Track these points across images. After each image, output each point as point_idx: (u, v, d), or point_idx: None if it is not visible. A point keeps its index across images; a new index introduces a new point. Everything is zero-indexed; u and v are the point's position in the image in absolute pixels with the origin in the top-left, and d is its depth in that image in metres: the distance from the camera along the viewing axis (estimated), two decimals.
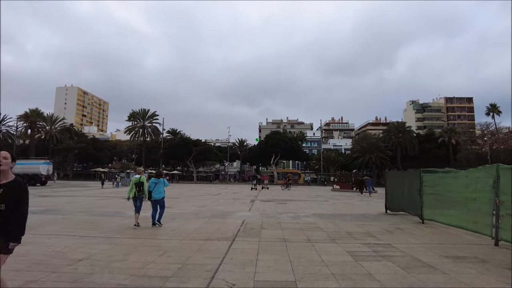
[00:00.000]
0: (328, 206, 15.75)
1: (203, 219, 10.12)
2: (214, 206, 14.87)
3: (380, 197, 23.83)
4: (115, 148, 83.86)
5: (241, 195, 23.40)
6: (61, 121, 69.24)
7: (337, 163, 68.23)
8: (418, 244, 6.75)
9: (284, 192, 30.12)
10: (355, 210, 13.97)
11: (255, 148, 66.50)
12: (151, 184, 8.48)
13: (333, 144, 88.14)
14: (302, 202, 18.30)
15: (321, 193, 29.41)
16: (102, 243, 6.41)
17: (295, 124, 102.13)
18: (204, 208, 13.71)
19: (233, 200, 18.44)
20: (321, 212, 12.81)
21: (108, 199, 17.84)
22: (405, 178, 11.72)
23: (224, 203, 16.34)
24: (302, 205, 16.22)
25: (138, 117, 64.81)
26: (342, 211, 13.61)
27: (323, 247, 6.35)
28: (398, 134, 59.91)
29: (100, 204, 15.02)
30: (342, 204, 17.40)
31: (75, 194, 22.07)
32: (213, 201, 17.90)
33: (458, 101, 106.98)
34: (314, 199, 20.66)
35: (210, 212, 12.20)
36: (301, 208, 14.33)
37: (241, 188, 36.05)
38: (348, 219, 10.88)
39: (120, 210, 12.36)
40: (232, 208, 13.81)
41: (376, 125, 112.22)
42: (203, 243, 6.52)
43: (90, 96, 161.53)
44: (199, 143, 62.52)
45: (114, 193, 24.01)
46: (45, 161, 36.36)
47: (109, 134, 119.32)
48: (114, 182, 35.12)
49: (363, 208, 15.26)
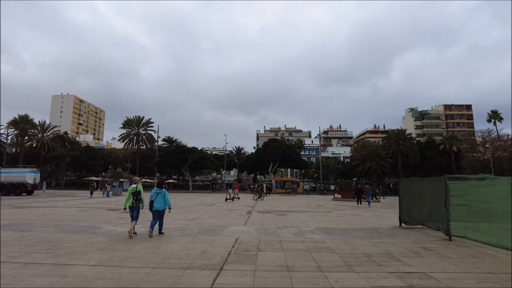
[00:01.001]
0: (333, 218, 14.15)
1: (188, 237, 8.50)
2: (205, 219, 13.24)
3: (385, 207, 22.31)
4: (110, 156, 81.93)
5: (237, 206, 21.75)
6: (54, 129, 67.33)
7: (337, 171, 66.68)
8: (462, 274, 5.17)
9: (283, 201, 28.47)
10: (364, 223, 12.39)
11: (252, 156, 64.85)
12: (153, 194, 8.37)
13: (332, 152, 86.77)
14: (303, 213, 16.68)
15: (322, 202, 27.78)
16: (44, 275, 4.79)
17: (293, 132, 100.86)
18: (193, 222, 12.07)
19: (227, 212, 16.80)
20: (327, 226, 11.22)
21: (90, 211, 16.14)
22: (425, 186, 10.18)
23: (217, 215, 14.70)
24: (304, 217, 14.61)
25: (133, 125, 63.20)
26: (350, 224, 12.01)
27: (340, 279, 4.77)
28: (399, 141, 58.59)
29: (77, 216, 13.33)
30: (347, 215, 15.80)
31: (57, 204, 20.32)
32: (205, 212, 16.24)
33: (457, 108, 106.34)
34: (316, 210, 19.05)
35: (199, 227, 10.56)
36: (304, 221, 12.72)
37: None
38: (359, 235, 9.31)
39: (95, 224, 10.72)
40: (225, 222, 12.19)
41: (375, 133, 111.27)
42: (181, 275, 4.92)
43: (86, 105, 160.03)
44: (195, 150, 60.87)
45: (102, 203, 22.29)
46: (31, 169, 34.53)
47: (105, 142, 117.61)
48: (104, 192, 33.31)
49: (372, 220, 13.68)
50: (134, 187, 8.39)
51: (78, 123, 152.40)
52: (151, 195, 8.37)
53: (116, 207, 18.57)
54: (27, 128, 59.08)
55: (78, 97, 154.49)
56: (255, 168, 64.33)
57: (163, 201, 8.37)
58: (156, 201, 8.28)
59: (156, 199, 8.29)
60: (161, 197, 8.35)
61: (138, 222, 8.66)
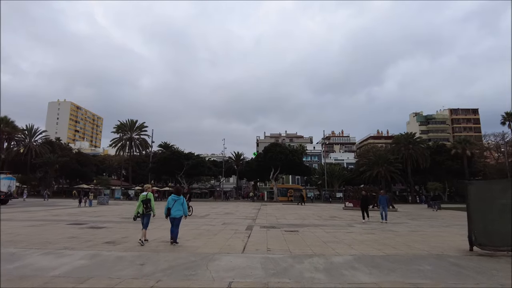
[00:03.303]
0: (362, 237, 10.50)
1: (145, 280, 4.86)
2: (188, 238, 9.58)
3: (408, 217, 18.06)
4: (103, 163, 78.30)
5: (234, 218, 18.09)
6: (42, 134, 63.70)
7: (342, 177, 62.96)
8: None
9: (288, 211, 24.74)
10: (411, 244, 8.77)
11: (252, 161, 61.05)
12: (170, 201, 8.26)
13: (335, 158, 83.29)
14: (319, 229, 13.02)
15: (334, 212, 24.09)
16: None
17: (294, 138, 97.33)
18: (167, 246, 8.41)
19: (222, 227, 13.14)
20: (365, 252, 7.59)
21: (47, 225, 12.44)
22: None
23: (205, 233, 11.03)
24: (323, 235, 10.94)
25: (126, 129, 59.58)
26: (395, 247, 8.38)
27: None
28: (408, 145, 55.02)
29: (14, 235, 9.67)
30: (377, 231, 12.16)
31: (19, 217, 16.57)
32: (192, 228, 12.50)
33: (463, 112, 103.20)
34: (333, 224, 15.40)
35: (171, 257, 6.90)
36: (327, 243, 9.07)
37: (236, 207, 30.62)
38: (427, 270, 5.71)
39: (18, 251, 7.06)
40: (215, 246, 8.51)
41: (378, 138, 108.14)
42: None
43: (83, 111, 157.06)
44: (191, 156, 57.15)
45: (74, 214, 18.54)
46: (5, 175, 30.90)
47: (101, 149, 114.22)
48: (87, 201, 29.56)
49: (417, 238, 10.04)
50: (144, 195, 8.25)
51: (74, 130, 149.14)
52: (168, 202, 8.27)
53: (88, 219, 14.93)
54: (7, 131, 55.30)
55: (75, 104, 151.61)
56: (256, 174, 60.56)
57: (181, 208, 8.24)
58: (173, 208, 8.14)
59: (173, 206, 8.15)
60: (178, 204, 8.23)
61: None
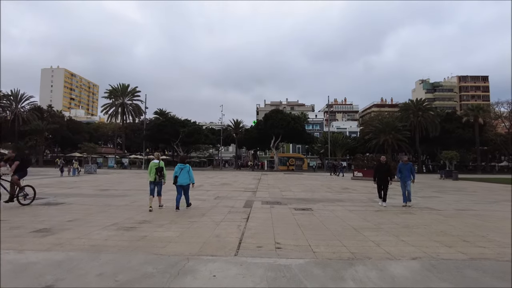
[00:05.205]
0: (403, 220, 7.77)
1: None
2: (162, 222, 6.82)
3: (425, 188, 14.57)
4: (98, 131, 75.45)
5: (231, 190, 15.47)
6: (29, 100, 60.08)
7: (345, 146, 60.48)
8: None
9: (292, 181, 22.18)
10: (487, 234, 6.06)
11: (252, 129, 58.07)
12: (177, 170, 8.34)
13: (337, 127, 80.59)
14: (337, 205, 10.33)
15: (343, 183, 21.56)
16: None
17: (295, 106, 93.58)
18: (128, 234, 5.65)
19: (214, 203, 10.44)
20: (433, 253, 4.79)
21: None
22: None
23: (190, 213, 8.31)
24: (347, 215, 8.21)
25: (118, 94, 55.96)
26: (468, 240, 5.62)
27: None
28: (418, 112, 51.82)
29: None
30: (416, 210, 9.48)
31: None
32: (174, 205, 9.80)
33: (473, 80, 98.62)
34: (350, 197, 12.76)
35: (122, 258, 4.15)
36: (360, 231, 6.30)
37: (235, 177, 28.14)
38: None
39: None
40: (197, 237, 5.74)
41: (382, 106, 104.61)
42: None
43: (78, 79, 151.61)
44: (187, 123, 54.11)
45: (45, 185, 15.71)
46: None
47: (97, 118, 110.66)
48: (70, 169, 27.01)
49: (480, 222, 7.34)
50: (156, 163, 8.39)
51: (70, 98, 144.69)
52: (175, 171, 8.32)
53: (55, 192, 12.22)
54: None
55: (69, 71, 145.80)
56: (255, 143, 57.90)
57: (187, 176, 8.36)
58: (180, 176, 8.24)
59: (180, 174, 8.24)
60: (185, 172, 8.33)
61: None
